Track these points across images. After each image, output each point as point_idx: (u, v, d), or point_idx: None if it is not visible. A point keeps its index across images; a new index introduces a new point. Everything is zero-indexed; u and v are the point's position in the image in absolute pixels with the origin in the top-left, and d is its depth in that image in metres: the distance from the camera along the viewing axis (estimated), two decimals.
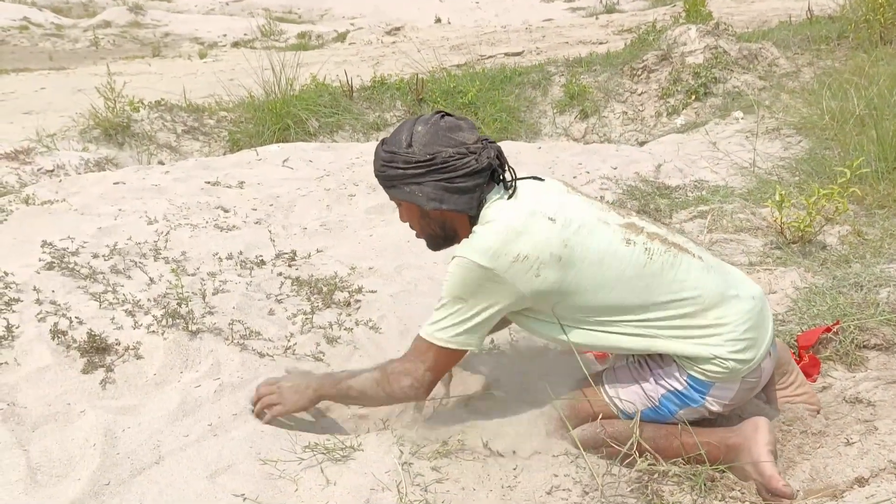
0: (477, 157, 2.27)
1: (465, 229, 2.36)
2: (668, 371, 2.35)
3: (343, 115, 7.99)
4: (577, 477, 2.34)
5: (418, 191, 2.27)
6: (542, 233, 2.22)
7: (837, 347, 2.84)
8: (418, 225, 2.45)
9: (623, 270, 2.26)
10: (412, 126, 2.30)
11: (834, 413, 2.58)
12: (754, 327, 2.34)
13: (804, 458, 2.39)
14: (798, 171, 5.56)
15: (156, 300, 3.20)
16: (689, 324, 2.29)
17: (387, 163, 2.30)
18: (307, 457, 2.39)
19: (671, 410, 2.37)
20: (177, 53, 15.42)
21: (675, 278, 2.30)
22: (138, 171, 4.99)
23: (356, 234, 4.18)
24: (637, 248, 2.31)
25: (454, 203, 2.28)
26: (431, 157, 2.24)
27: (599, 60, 8.97)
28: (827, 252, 3.99)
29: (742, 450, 2.33)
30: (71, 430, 2.52)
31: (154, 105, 7.77)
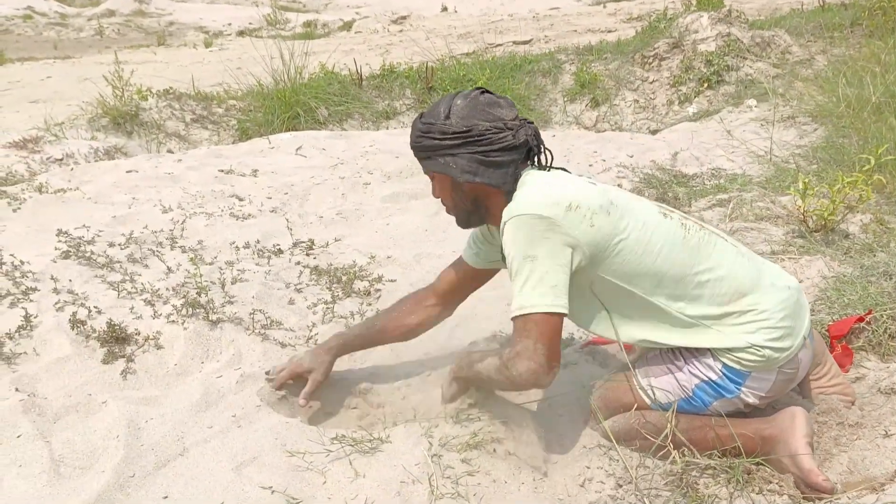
0: (514, 133, 2.24)
1: (497, 206, 2.30)
2: (702, 360, 2.30)
3: (352, 103, 7.92)
4: (611, 469, 2.30)
5: (452, 162, 2.25)
6: (588, 189, 2.22)
7: (870, 337, 2.79)
8: (450, 199, 2.39)
9: (665, 238, 2.24)
10: (451, 99, 2.27)
11: (869, 404, 2.53)
12: (791, 316, 2.29)
13: (841, 451, 2.34)
14: (815, 159, 5.49)
15: (174, 289, 3.15)
16: (725, 310, 2.25)
17: (423, 133, 2.28)
18: (335, 448, 2.34)
19: (705, 402, 2.32)
20: (182, 42, 15.35)
21: (711, 257, 2.28)
22: (150, 160, 4.94)
23: (373, 222, 4.13)
24: (674, 221, 2.31)
25: (488, 177, 2.25)
26: (468, 129, 2.21)
27: (610, 48, 8.89)
28: (850, 241, 3.93)
29: (778, 441, 2.28)
30: (93, 422, 2.48)
31: (162, 93, 7.70)
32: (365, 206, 4.34)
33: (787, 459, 2.25)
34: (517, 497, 2.19)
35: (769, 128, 6.46)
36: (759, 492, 2.24)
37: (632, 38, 9.26)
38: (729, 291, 2.26)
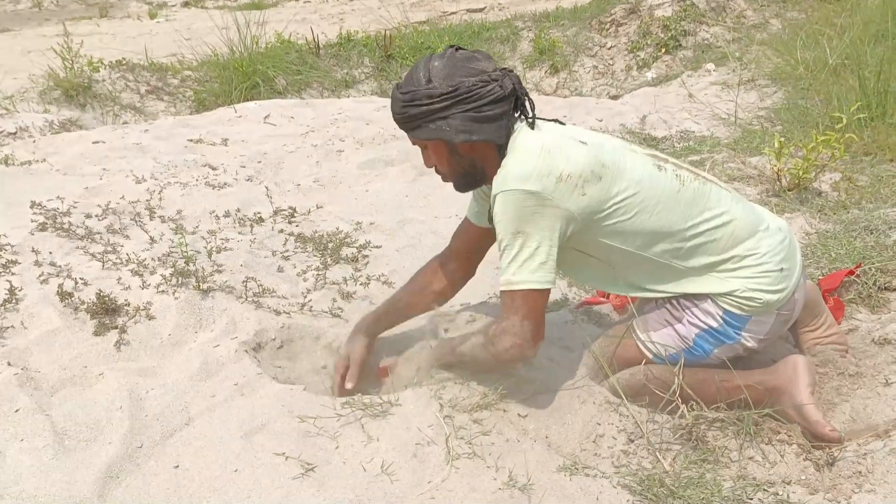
0: (500, 83, 2.18)
1: (493, 165, 2.25)
2: (702, 307, 2.30)
3: (311, 72, 7.82)
4: (621, 425, 2.31)
5: (445, 125, 2.17)
6: (577, 153, 2.16)
7: (860, 290, 2.85)
8: (447, 165, 2.31)
9: (660, 193, 2.23)
10: (427, 63, 2.20)
11: (864, 354, 2.59)
12: (786, 258, 2.32)
13: (843, 400, 2.39)
14: (779, 120, 5.58)
15: (160, 259, 3.09)
16: (723, 256, 2.27)
17: (408, 103, 2.20)
18: (345, 413, 2.32)
19: (706, 350, 2.33)
20: (125, 14, 14.93)
21: (707, 206, 2.28)
22: (116, 130, 4.81)
23: (351, 189, 4.09)
24: (668, 173, 2.30)
25: (484, 133, 2.19)
26: (454, 88, 2.14)
27: (567, 15, 8.89)
28: (823, 199, 4.01)
29: (783, 392, 2.31)
30: (92, 394, 2.42)
31: (115, 65, 7.53)
32: (341, 173, 4.29)
33: (793, 410, 2.29)
34: (532, 455, 2.19)
35: (729, 91, 6.54)
36: (769, 442, 2.28)
37: (588, 5, 9.26)
38: (728, 238, 2.27)
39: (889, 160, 4.56)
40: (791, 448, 2.24)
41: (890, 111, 4.97)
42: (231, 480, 2.12)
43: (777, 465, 2.20)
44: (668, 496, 2.04)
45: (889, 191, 3.98)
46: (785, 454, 2.22)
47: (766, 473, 2.17)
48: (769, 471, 2.18)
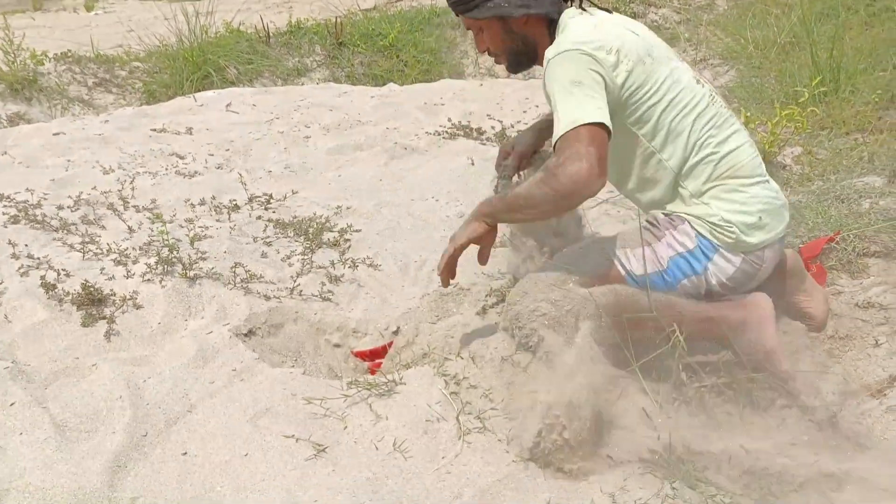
0: None
1: (544, 43, 2.32)
2: (681, 229, 2.32)
3: (262, 61, 7.70)
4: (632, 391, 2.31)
5: (504, 1, 2.27)
6: (628, 37, 2.26)
7: (840, 256, 2.91)
8: (501, 43, 2.38)
9: (691, 100, 2.29)
10: None
11: (849, 317, 2.66)
12: (769, 213, 2.34)
13: (835, 362, 2.45)
14: (734, 97, 5.67)
15: (142, 248, 3.03)
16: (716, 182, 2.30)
17: None
18: (351, 394, 2.31)
19: (676, 277, 2.32)
20: (60, 7, 14.54)
21: (725, 134, 2.33)
22: (76, 122, 4.70)
23: (323, 175, 4.05)
24: (705, 89, 2.36)
25: (542, 6, 2.29)
26: None
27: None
28: (788, 171, 4.10)
29: (748, 332, 2.31)
30: (88, 385, 2.38)
31: (60, 57, 7.32)
32: (311, 159, 4.25)
33: (761, 353, 2.30)
34: None
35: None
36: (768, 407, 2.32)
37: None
38: (727, 167, 2.31)
39: (845, 133, 4.68)
40: (792, 412, 2.28)
41: (843, 86, 5.09)
42: (242, 465, 2.10)
43: (780, 428, 2.24)
44: (679, 463, 2.07)
45: (849, 162, 4.08)
46: (786, 418, 2.27)
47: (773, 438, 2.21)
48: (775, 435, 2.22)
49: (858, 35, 5.81)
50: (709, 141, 2.30)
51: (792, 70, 5.53)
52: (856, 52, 5.41)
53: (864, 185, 3.49)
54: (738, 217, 2.29)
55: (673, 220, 2.35)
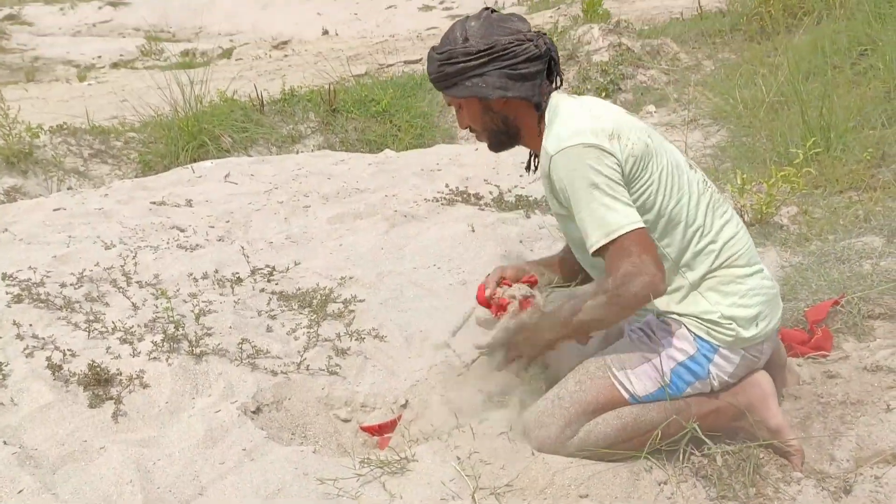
0: (535, 43, 2.25)
1: (529, 125, 2.31)
2: (679, 334, 2.28)
3: (256, 129, 7.78)
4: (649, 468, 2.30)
5: (481, 82, 2.24)
6: (624, 119, 2.27)
7: (846, 319, 2.93)
8: (480, 123, 2.35)
9: (687, 187, 2.28)
10: (463, 24, 2.28)
11: (857, 381, 2.65)
12: (766, 304, 2.33)
13: (848, 428, 2.44)
14: (726, 157, 5.74)
15: (147, 325, 3.02)
16: (714, 273, 2.28)
17: (445, 61, 2.27)
18: (364, 472, 2.29)
19: (680, 388, 2.28)
20: (53, 77, 14.69)
21: (721, 221, 2.32)
22: (75, 196, 4.71)
23: (324, 245, 4.06)
24: (699, 175, 2.37)
25: (519, 90, 2.25)
26: (491, 45, 2.22)
27: None
28: (786, 232, 4.13)
29: (753, 411, 2.32)
30: (97, 468, 2.35)
31: (56, 129, 7.38)
32: (311, 228, 4.26)
33: (767, 433, 2.32)
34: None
35: (673, 131, 6.72)
36: (783, 478, 2.31)
37: None
38: (727, 257, 2.29)
39: (839, 192, 4.73)
40: (808, 482, 2.27)
41: (834, 145, 5.16)
42: None
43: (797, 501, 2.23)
44: None
45: (846, 222, 4.12)
46: (802, 489, 2.25)
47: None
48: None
49: (846, 93, 5.90)
50: (708, 229, 2.29)
51: (782, 129, 5.61)
52: (844, 110, 5.50)
53: (864, 246, 3.52)
54: (737, 311, 2.27)
55: (668, 324, 2.31)
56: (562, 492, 2.21)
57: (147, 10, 22.57)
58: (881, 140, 5.10)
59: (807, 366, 2.78)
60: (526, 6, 18.83)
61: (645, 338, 2.32)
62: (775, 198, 4.15)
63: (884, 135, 5.15)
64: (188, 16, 22.51)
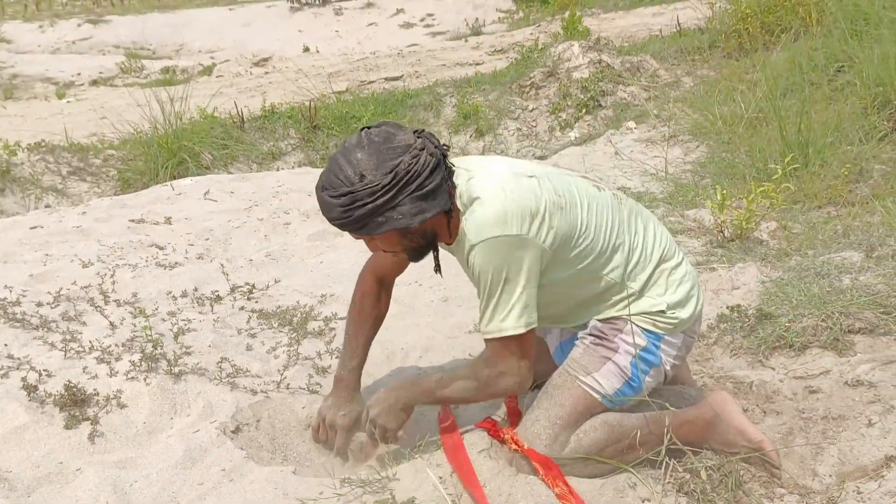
0: (428, 151, 2.11)
1: (442, 226, 2.25)
2: (628, 331, 2.36)
3: (236, 146, 7.75)
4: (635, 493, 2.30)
5: (396, 214, 2.09)
6: (534, 188, 2.21)
7: (827, 335, 2.93)
8: (400, 248, 2.25)
9: (606, 213, 2.36)
10: (348, 158, 2.09)
11: (839, 396, 2.65)
12: (694, 285, 2.48)
13: (830, 443, 2.44)
14: (706, 173, 5.77)
15: (125, 345, 2.98)
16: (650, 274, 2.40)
17: (349, 207, 2.07)
18: (344, 492, 2.26)
19: (641, 379, 2.36)
20: (31, 95, 14.62)
21: (641, 223, 2.44)
22: (52, 214, 4.66)
23: (304, 262, 4.04)
24: (606, 193, 2.43)
25: (437, 205, 2.13)
26: (393, 174, 2.05)
27: (487, 80, 9.07)
28: (765, 247, 4.14)
29: (720, 420, 2.40)
30: (72, 491, 2.31)
31: (34, 147, 7.32)
32: (291, 246, 4.24)
33: (736, 435, 2.39)
34: None
35: (653, 147, 6.75)
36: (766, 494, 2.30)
37: (506, 69, 9.47)
38: (656, 256, 2.41)
39: (818, 207, 4.77)
40: (793, 497, 2.27)
41: (812, 160, 5.20)
42: None
43: None
44: None
45: (824, 237, 4.13)
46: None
47: None
48: None
49: (823, 109, 5.95)
50: (636, 240, 2.40)
51: (761, 145, 5.65)
52: (822, 126, 5.54)
53: (843, 261, 3.53)
54: (676, 298, 2.39)
55: (615, 324, 2.40)
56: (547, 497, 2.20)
57: (127, 28, 22.57)
58: (859, 156, 5.15)
59: (788, 381, 2.79)
60: (506, 24, 18.97)
61: (598, 341, 2.39)
62: (755, 213, 4.17)
63: (861, 150, 5.19)
64: (169, 33, 22.51)
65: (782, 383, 2.77)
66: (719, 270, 3.72)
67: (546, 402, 2.35)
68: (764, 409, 2.64)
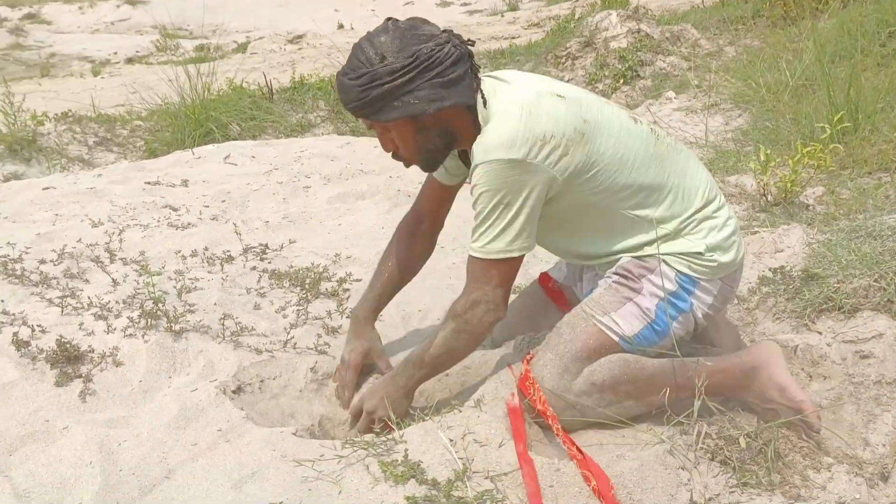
0: (453, 43, 2.08)
1: (466, 127, 2.16)
2: (659, 272, 2.18)
3: (265, 117, 7.59)
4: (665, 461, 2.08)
5: (413, 98, 2.04)
6: (559, 110, 2.09)
7: (880, 297, 2.68)
8: (413, 144, 2.16)
9: (639, 147, 2.18)
10: (371, 41, 2.05)
11: (892, 361, 2.41)
12: (737, 232, 2.31)
13: (884, 410, 2.21)
14: (748, 140, 5.50)
15: (126, 302, 2.83)
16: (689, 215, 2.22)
17: (366, 86, 2.03)
18: (346, 454, 2.08)
19: (666, 324, 2.17)
20: (67, 73, 14.61)
21: (680, 163, 2.25)
22: (67, 177, 4.54)
23: (323, 224, 3.86)
24: (644, 126, 2.25)
25: (455, 96, 2.07)
26: (414, 57, 2.01)
27: (522, 51, 8.83)
28: (811, 212, 3.89)
29: (761, 370, 2.20)
30: (56, 450, 2.15)
31: (61, 117, 7.23)
32: (311, 209, 4.06)
33: (775, 391, 2.17)
34: (560, 489, 1.97)
35: (693, 116, 6.48)
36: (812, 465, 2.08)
37: (542, 40, 9.22)
38: (695, 197, 2.23)
39: (867, 173, 4.48)
40: (840, 468, 2.04)
41: (862, 126, 4.91)
42: None
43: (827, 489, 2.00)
44: None
45: (876, 201, 3.87)
46: (834, 475, 2.03)
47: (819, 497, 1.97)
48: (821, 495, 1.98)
49: (874, 75, 5.65)
50: (672, 179, 2.20)
51: (807, 111, 5.36)
52: (873, 91, 5.25)
53: (892, 223, 3.27)
54: (716, 241, 2.20)
55: (646, 263, 2.21)
56: (568, 479, 1.99)
57: (165, 9, 22.56)
58: None
59: (836, 345, 2.55)
60: (544, 0, 18.64)
61: (623, 279, 2.22)
62: (800, 175, 3.91)
63: None
64: (205, 14, 22.47)
65: (830, 347, 2.53)
66: (761, 233, 3.47)
67: (556, 338, 2.19)
68: (810, 373, 2.40)
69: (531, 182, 2.04)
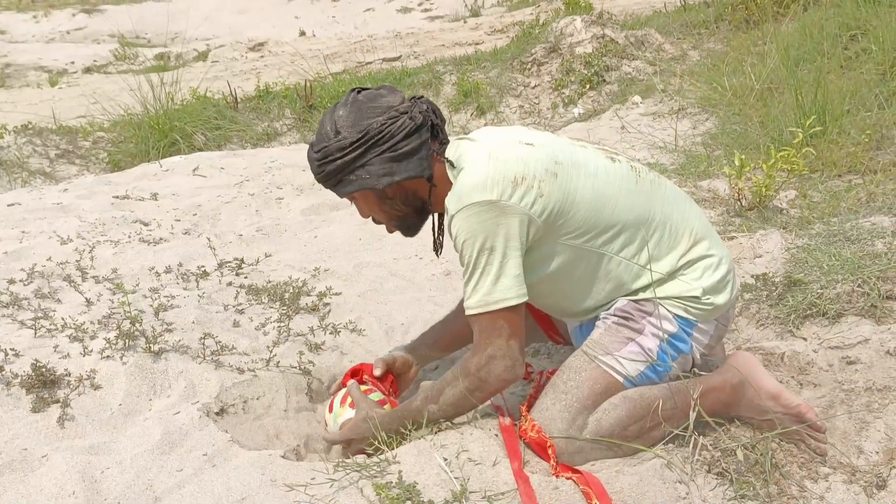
0: (410, 115, 2.08)
1: (435, 195, 2.16)
2: (657, 314, 2.15)
3: (230, 126, 7.50)
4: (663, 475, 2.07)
5: (364, 173, 2.07)
6: (528, 153, 2.07)
7: (864, 302, 2.69)
8: (381, 212, 2.20)
9: (619, 185, 2.13)
10: (332, 115, 2.11)
11: (880, 367, 2.42)
12: (731, 271, 2.26)
13: (876, 417, 2.21)
14: (717, 144, 5.53)
15: (101, 322, 2.75)
16: (681, 256, 2.17)
17: (322, 161, 2.10)
18: (338, 477, 2.03)
19: (666, 364, 2.15)
20: (24, 83, 14.35)
21: (665, 200, 2.19)
22: (31, 192, 4.43)
23: (297, 237, 3.80)
24: (623, 165, 2.20)
25: (406, 170, 2.08)
26: (364, 133, 2.05)
27: (487, 57, 8.81)
28: (786, 216, 3.91)
29: (747, 386, 2.19)
30: (37, 479, 2.08)
31: (21, 129, 7.08)
32: (284, 220, 4.00)
33: (768, 400, 2.16)
34: None
35: (660, 120, 6.51)
36: (809, 474, 2.07)
37: (507, 46, 9.21)
38: (684, 232, 2.19)
39: (837, 175, 4.52)
40: (838, 477, 2.04)
41: (830, 128, 4.96)
42: None
43: (825, 499, 1.99)
44: None
45: (848, 204, 3.90)
46: (832, 485, 2.02)
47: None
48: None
49: (837, 78, 5.71)
50: (658, 216, 2.16)
51: (775, 115, 5.40)
52: (838, 94, 5.30)
53: (873, 226, 3.30)
54: (711, 282, 2.17)
55: (644, 306, 2.17)
56: (566, 497, 1.96)
57: (122, 17, 22.27)
58: (879, 122, 4.90)
59: (822, 351, 2.55)
60: (505, 6, 18.67)
61: (623, 320, 2.18)
62: (774, 179, 3.93)
63: (881, 116, 4.95)
64: (164, 22, 22.14)
65: (816, 354, 2.54)
66: (739, 239, 3.48)
67: (561, 385, 2.14)
68: (800, 381, 2.41)
69: (508, 223, 1.99)
